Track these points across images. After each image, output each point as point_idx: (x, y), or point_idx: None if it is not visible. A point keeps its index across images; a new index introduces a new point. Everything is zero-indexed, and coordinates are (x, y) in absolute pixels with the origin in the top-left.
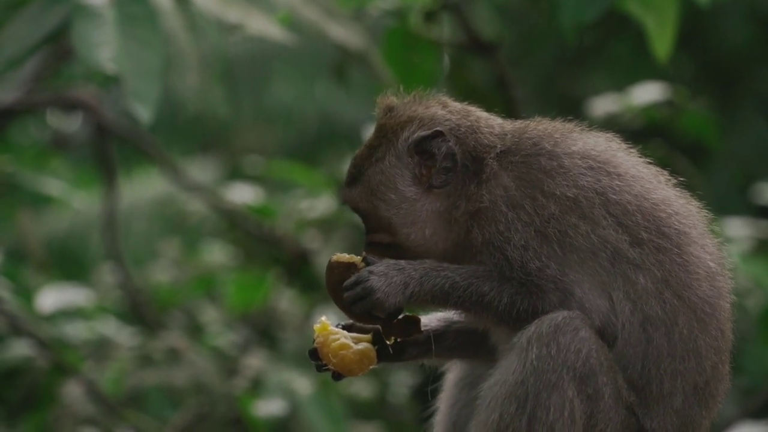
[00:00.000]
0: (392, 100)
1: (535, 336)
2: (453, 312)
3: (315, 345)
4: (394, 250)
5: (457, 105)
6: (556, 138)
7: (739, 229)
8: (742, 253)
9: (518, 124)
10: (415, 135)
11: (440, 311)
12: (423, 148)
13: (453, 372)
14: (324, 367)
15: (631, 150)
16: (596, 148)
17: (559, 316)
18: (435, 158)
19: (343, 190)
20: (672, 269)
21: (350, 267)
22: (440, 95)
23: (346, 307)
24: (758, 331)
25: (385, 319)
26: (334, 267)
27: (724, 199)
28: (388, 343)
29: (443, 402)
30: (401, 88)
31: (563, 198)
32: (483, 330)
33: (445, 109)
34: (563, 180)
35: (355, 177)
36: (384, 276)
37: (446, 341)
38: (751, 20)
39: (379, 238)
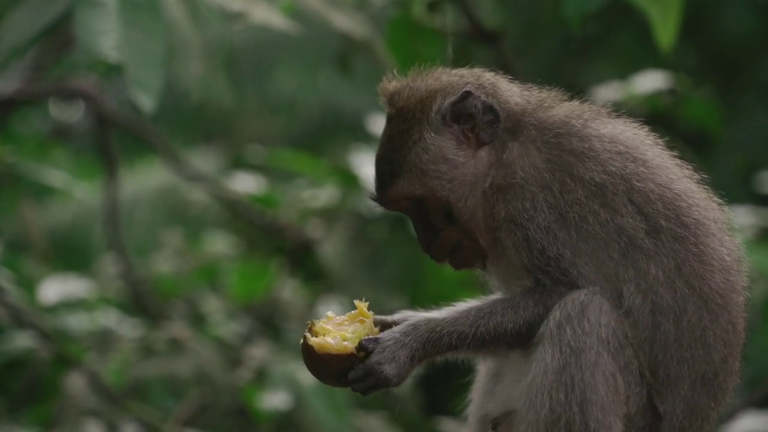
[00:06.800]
0: (395, 85)
1: (564, 319)
2: (462, 355)
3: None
4: (462, 246)
5: (462, 70)
6: (585, 117)
7: (742, 217)
8: (746, 241)
9: (531, 91)
10: (446, 103)
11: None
12: (458, 113)
13: (484, 363)
14: None
15: (657, 141)
16: (624, 132)
17: (581, 294)
18: (474, 117)
19: (382, 193)
20: (686, 258)
21: (350, 358)
22: (436, 68)
23: (351, 388)
24: (763, 320)
25: None
26: (326, 359)
27: (728, 188)
28: None
29: (476, 392)
30: (395, 72)
31: (591, 183)
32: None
33: (456, 75)
34: (593, 164)
35: (394, 172)
36: (393, 361)
37: None
38: (754, 10)
39: (449, 236)
